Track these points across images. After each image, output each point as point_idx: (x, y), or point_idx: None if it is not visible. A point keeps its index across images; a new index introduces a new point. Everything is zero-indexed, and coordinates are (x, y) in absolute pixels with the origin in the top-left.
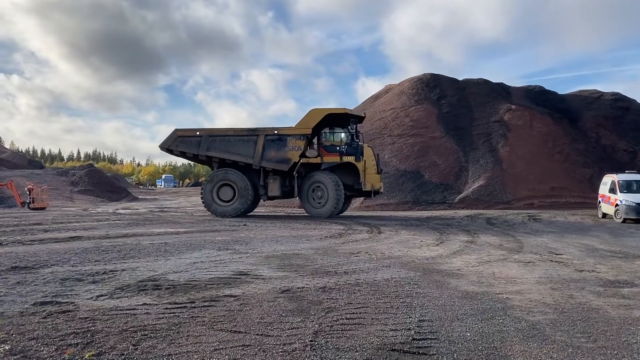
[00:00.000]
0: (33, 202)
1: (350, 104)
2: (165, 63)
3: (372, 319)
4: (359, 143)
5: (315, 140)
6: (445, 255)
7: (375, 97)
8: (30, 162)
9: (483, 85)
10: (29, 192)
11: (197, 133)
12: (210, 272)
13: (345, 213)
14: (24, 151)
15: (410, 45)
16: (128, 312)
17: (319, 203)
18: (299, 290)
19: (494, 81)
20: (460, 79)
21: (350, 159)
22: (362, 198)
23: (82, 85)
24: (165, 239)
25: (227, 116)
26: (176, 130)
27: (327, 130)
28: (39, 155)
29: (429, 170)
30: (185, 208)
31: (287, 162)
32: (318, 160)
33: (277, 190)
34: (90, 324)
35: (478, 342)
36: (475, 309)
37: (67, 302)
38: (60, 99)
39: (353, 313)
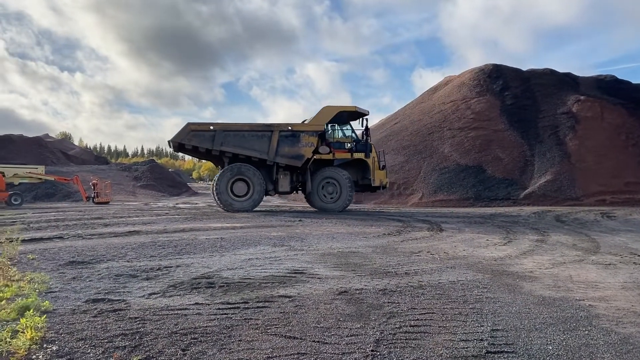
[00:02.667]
0: (97, 196)
1: (406, 97)
2: (221, 57)
3: (439, 326)
4: (369, 140)
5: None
6: (514, 256)
7: (434, 89)
8: (97, 158)
9: (549, 75)
10: (93, 187)
11: (211, 127)
12: (265, 270)
13: (403, 209)
14: (91, 148)
15: (473, 32)
16: (179, 312)
17: (331, 198)
18: (358, 292)
19: (561, 71)
20: (524, 69)
21: (360, 155)
22: (421, 194)
23: (140, 81)
24: (222, 234)
25: (282, 112)
26: (189, 124)
27: (332, 127)
28: (105, 151)
29: (492, 164)
30: None
31: (300, 158)
32: (330, 156)
33: (287, 186)
34: (140, 325)
35: (563, 357)
36: (555, 318)
37: (119, 299)
38: (120, 95)
39: (417, 320)
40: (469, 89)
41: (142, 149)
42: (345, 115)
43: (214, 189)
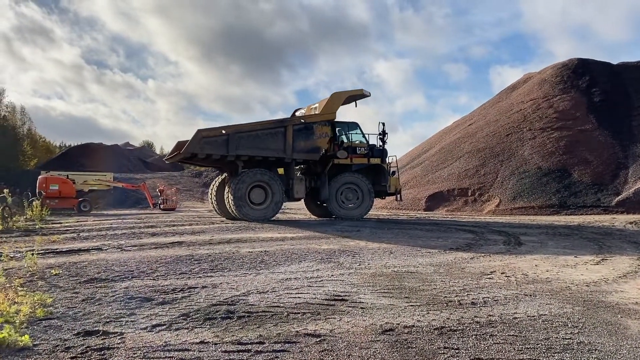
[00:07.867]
0: (164, 202)
1: (483, 97)
2: (289, 58)
3: None
4: (385, 145)
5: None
6: (611, 279)
7: (513, 88)
8: (173, 165)
9: None
10: (160, 194)
11: (223, 131)
12: (300, 295)
13: (478, 218)
14: None
15: (562, 18)
16: (176, 354)
17: (351, 205)
18: (406, 330)
19: None
20: (614, 62)
21: (377, 161)
22: (498, 201)
23: (210, 87)
24: (268, 246)
25: (349, 113)
26: (199, 130)
27: (344, 132)
28: None
29: (579, 168)
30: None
31: (317, 150)
32: (348, 161)
33: (303, 192)
34: None
35: None
36: None
37: (116, 332)
38: (193, 101)
39: None
40: (550, 86)
41: None
42: (351, 99)
43: (231, 196)
